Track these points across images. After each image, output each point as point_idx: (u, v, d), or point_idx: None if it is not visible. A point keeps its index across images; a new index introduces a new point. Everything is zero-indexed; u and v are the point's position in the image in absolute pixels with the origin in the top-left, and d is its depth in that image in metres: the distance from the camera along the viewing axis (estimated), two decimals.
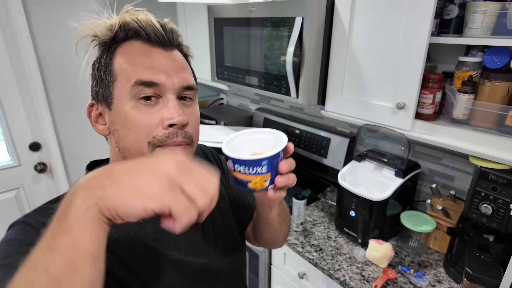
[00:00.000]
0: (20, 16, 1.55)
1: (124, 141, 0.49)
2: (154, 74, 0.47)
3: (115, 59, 0.49)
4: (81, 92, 1.85)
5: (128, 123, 0.47)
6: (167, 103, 0.48)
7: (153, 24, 0.49)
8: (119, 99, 0.48)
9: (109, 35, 0.50)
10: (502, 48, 0.84)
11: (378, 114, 1.05)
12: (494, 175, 0.89)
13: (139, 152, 0.48)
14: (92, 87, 0.53)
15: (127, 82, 0.47)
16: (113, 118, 0.50)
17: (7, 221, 1.92)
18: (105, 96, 0.50)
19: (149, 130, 0.47)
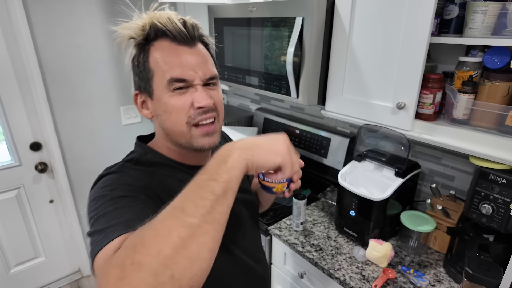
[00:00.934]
0: (21, 16, 1.55)
1: (166, 123, 0.62)
2: (183, 72, 0.59)
3: (150, 57, 0.60)
4: (82, 92, 1.86)
5: (169, 109, 0.60)
6: (195, 90, 0.61)
7: (177, 24, 0.59)
8: (158, 91, 0.60)
9: (142, 35, 0.60)
10: (502, 48, 0.84)
11: (378, 114, 1.05)
12: (494, 175, 0.90)
13: (180, 131, 0.61)
14: (134, 81, 0.64)
15: (163, 79, 0.59)
16: (155, 105, 0.62)
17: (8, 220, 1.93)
18: (146, 89, 0.62)
19: (184, 112, 0.60)
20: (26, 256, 1.94)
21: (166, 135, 0.64)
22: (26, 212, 1.87)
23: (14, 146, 1.74)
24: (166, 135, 0.64)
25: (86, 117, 1.91)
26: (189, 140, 0.62)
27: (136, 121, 2.13)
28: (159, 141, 0.67)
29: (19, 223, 1.86)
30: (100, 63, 1.87)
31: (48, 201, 1.94)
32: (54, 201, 1.96)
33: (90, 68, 1.84)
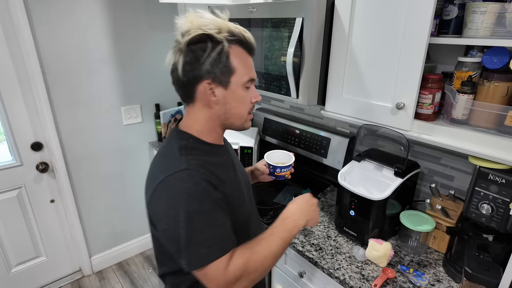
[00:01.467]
0: (22, 15, 1.56)
1: (235, 110, 0.77)
2: (254, 74, 0.79)
3: (231, 57, 0.72)
4: (83, 92, 1.86)
5: (241, 100, 0.77)
6: (253, 89, 0.80)
7: (251, 40, 0.77)
8: (236, 85, 0.75)
9: (225, 36, 0.71)
10: (502, 49, 0.84)
11: (377, 114, 1.06)
12: (494, 175, 0.90)
13: (242, 116, 0.79)
14: (209, 71, 0.71)
15: (243, 78, 0.75)
16: (228, 95, 0.75)
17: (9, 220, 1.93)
18: (223, 81, 0.73)
19: (249, 104, 0.80)
20: (27, 256, 1.95)
21: (222, 119, 0.78)
22: (27, 212, 1.88)
23: (15, 146, 1.74)
24: (224, 119, 0.78)
25: (87, 117, 1.92)
26: (243, 123, 0.81)
27: (137, 121, 2.13)
28: (207, 124, 0.79)
29: (20, 222, 1.86)
30: (101, 63, 1.87)
31: (49, 201, 1.95)
32: (55, 201, 1.96)
33: (91, 68, 1.84)
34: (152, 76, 2.10)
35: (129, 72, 2.00)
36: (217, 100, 0.75)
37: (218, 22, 0.71)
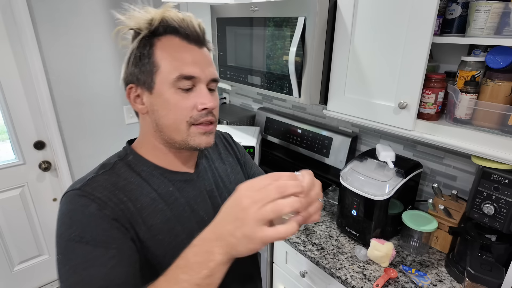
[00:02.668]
0: (25, 15, 1.56)
1: (163, 120, 0.60)
2: (193, 69, 0.59)
3: (156, 51, 0.58)
4: (85, 91, 1.87)
5: (170, 106, 0.59)
6: (200, 91, 0.60)
7: (193, 24, 0.60)
8: (161, 86, 0.59)
9: (148, 28, 0.59)
10: (505, 48, 0.83)
11: (380, 114, 1.05)
12: (497, 175, 0.89)
13: (177, 129, 0.61)
14: (133, 72, 0.61)
15: (171, 74, 0.58)
16: (154, 100, 0.60)
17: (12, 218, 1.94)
18: (146, 82, 0.59)
19: (187, 112, 0.59)
20: (29, 254, 1.96)
21: (157, 132, 0.63)
22: (30, 210, 1.88)
23: (18, 144, 1.75)
24: (158, 132, 0.62)
25: (89, 116, 1.92)
26: (186, 138, 0.61)
27: None
28: (145, 139, 0.66)
29: (23, 221, 1.87)
30: (104, 62, 1.88)
31: (52, 200, 1.96)
32: (57, 200, 1.97)
33: (93, 67, 1.85)
34: None
35: None
36: (145, 108, 0.62)
37: (152, 13, 0.59)
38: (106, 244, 0.52)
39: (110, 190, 0.57)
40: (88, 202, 0.54)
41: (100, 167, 0.62)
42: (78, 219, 0.53)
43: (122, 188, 0.59)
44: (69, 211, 0.54)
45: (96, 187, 0.57)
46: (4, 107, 1.66)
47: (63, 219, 0.54)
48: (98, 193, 0.56)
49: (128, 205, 0.58)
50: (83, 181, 0.58)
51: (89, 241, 0.51)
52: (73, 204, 0.55)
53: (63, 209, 0.55)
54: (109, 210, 0.55)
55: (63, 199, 0.57)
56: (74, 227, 0.52)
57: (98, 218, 0.54)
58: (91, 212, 0.54)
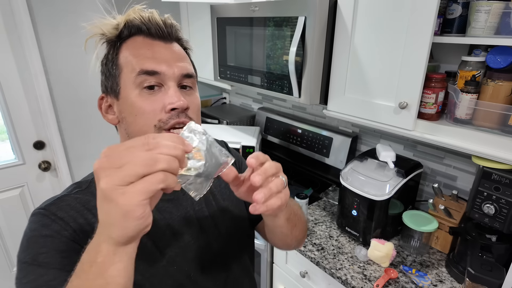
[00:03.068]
0: (25, 15, 1.56)
1: (132, 127, 0.54)
2: (155, 64, 0.52)
3: (120, 53, 0.55)
4: (85, 91, 1.86)
5: (135, 110, 0.53)
6: (168, 90, 0.53)
7: (155, 19, 0.55)
8: (125, 88, 0.54)
9: (115, 33, 0.55)
10: (506, 48, 0.83)
11: (380, 114, 1.05)
12: (497, 175, 0.89)
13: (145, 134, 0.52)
14: (101, 81, 0.58)
15: (132, 73, 0.53)
16: (121, 107, 0.55)
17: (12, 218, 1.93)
18: (113, 88, 0.55)
19: (154, 115, 0.52)
20: None
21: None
22: (30, 210, 1.88)
23: (18, 144, 1.75)
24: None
25: (89, 116, 1.92)
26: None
27: None
28: None
29: (22, 221, 1.87)
30: None
31: None
32: None
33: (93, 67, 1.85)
34: None
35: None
36: (116, 118, 0.57)
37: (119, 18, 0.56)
38: (61, 266, 0.47)
39: (78, 210, 0.53)
40: (48, 222, 0.51)
41: (76, 186, 0.58)
42: (35, 241, 0.50)
43: (94, 208, 0.52)
44: (29, 230, 0.51)
45: (62, 206, 0.53)
46: (4, 107, 1.66)
47: (22, 240, 0.51)
48: (61, 213, 0.52)
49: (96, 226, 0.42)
50: (51, 199, 0.55)
51: (42, 263, 0.47)
52: (35, 224, 0.51)
53: (25, 229, 0.52)
54: (69, 232, 0.50)
55: (29, 217, 0.54)
56: (30, 249, 0.49)
57: (56, 239, 0.49)
58: (48, 233, 0.50)
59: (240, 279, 0.69)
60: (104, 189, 0.34)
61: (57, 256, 0.48)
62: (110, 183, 0.33)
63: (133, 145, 0.35)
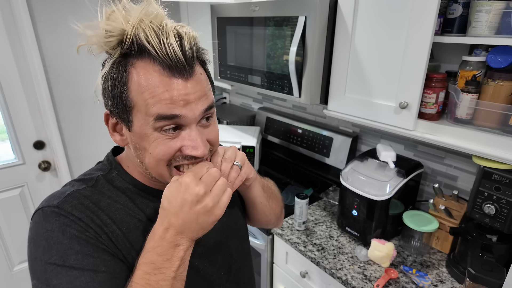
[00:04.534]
0: (25, 15, 1.56)
1: (144, 161, 0.52)
2: (175, 108, 0.46)
3: (130, 82, 0.46)
4: (85, 91, 1.86)
5: (150, 149, 0.50)
6: (190, 132, 0.49)
7: (174, 51, 0.45)
8: (140, 127, 0.48)
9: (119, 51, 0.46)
10: (506, 48, 0.83)
11: (380, 114, 1.05)
12: (498, 175, 0.89)
13: (158, 173, 0.53)
14: (105, 102, 0.50)
15: (148, 115, 0.47)
16: (134, 138, 0.51)
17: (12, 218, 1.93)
18: (123, 118, 0.50)
19: (169, 157, 0.50)
20: None
21: (139, 166, 0.55)
22: (30, 210, 1.88)
23: (18, 144, 1.75)
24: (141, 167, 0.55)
25: (89, 116, 1.92)
26: (166, 180, 0.52)
27: None
28: (132, 158, 0.56)
29: (22, 221, 1.87)
30: None
31: None
32: None
33: (93, 66, 1.85)
34: None
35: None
36: (125, 140, 0.53)
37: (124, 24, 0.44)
38: (95, 267, 0.47)
39: (92, 210, 0.51)
40: (68, 222, 0.48)
41: (82, 182, 0.55)
42: (57, 241, 0.47)
43: (106, 208, 0.53)
44: (45, 231, 0.48)
45: (75, 205, 0.50)
46: (4, 107, 1.66)
47: (38, 241, 0.48)
48: (78, 213, 0.50)
49: (112, 228, 0.52)
50: (60, 196, 0.51)
51: (74, 265, 0.46)
52: (50, 224, 0.48)
53: (37, 229, 0.49)
54: (91, 233, 0.49)
55: (35, 216, 0.50)
56: (53, 250, 0.46)
57: (82, 240, 0.48)
58: (72, 234, 0.48)
59: (243, 269, 0.72)
60: (210, 206, 0.47)
61: (88, 257, 0.48)
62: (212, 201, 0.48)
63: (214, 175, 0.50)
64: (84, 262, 0.47)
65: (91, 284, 0.46)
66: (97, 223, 0.51)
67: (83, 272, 0.46)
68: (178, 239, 0.48)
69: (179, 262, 0.48)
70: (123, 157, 0.60)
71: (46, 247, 0.47)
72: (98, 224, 0.51)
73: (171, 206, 0.47)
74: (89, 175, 0.57)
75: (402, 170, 1.13)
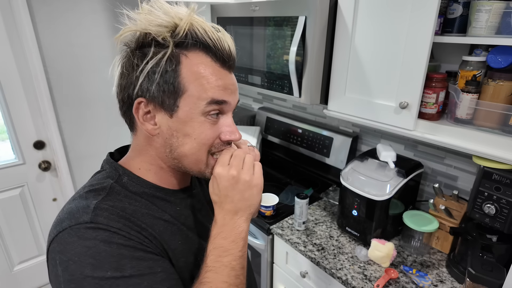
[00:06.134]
0: (25, 15, 1.56)
1: (182, 148, 0.54)
2: (226, 94, 0.53)
3: (182, 70, 0.50)
4: (85, 91, 1.86)
5: (194, 134, 0.53)
6: (226, 119, 0.56)
7: (229, 48, 0.54)
8: (187, 112, 0.52)
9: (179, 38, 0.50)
10: (507, 47, 0.83)
11: (381, 114, 1.05)
12: (498, 175, 0.89)
13: (197, 159, 0.56)
14: (146, 88, 0.51)
15: (200, 100, 0.51)
16: (174, 125, 0.53)
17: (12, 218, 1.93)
18: (167, 104, 0.51)
19: (211, 142, 0.55)
20: (29, 254, 1.96)
21: (169, 158, 0.56)
22: (30, 210, 1.88)
23: (18, 144, 1.75)
24: (171, 158, 0.56)
25: (89, 116, 1.92)
26: (204, 170, 0.57)
27: None
28: (145, 159, 0.57)
29: (22, 221, 1.87)
30: (104, 61, 1.88)
31: (52, 199, 1.95)
32: (57, 199, 1.97)
33: (93, 66, 1.85)
34: None
35: None
36: (157, 129, 0.53)
37: (176, 19, 0.49)
38: (151, 270, 0.48)
39: (126, 218, 0.50)
40: (109, 234, 0.47)
41: (94, 193, 0.53)
42: (106, 255, 0.45)
43: (134, 214, 0.52)
44: (87, 249, 0.45)
45: (108, 216, 0.49)
46: (4, 107, 1.66)
47: (82, 261, 0.45)
48: (115, 223, 0.48)
49: (148, 232, 0.52)
50: (87, 211, 0.49)
51: (132, 273, 0.46)
52: (90, 241, 0.46)
53: (74, 249, 0.45)
54: (135, 240, 0.49)
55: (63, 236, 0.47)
56: (106, 265, 0.45)
57: (129, 248, 0.48)
58: (119, 244, 0.47)
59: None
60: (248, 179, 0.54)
61: (142, 262, 0.47)
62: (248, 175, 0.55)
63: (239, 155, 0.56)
64: (141, 267, 0.47)
65: (155, 287, 0.47)
66: (135, 229, 0.50)
67: (143, 277, 0.46)
68: (235, 220, 0.54)
69: (243, 242, 0.54)
70: (130, 161, 0.59)
71: (96, 264, 0.45)
72: (136, 230, 0.50)
73: (219, 197, 0.55)
74: (99, 185, 0.54)
75: (402, 170, 1.13)
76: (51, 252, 0.47)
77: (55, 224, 0.49)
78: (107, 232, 0.47)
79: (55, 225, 0.49)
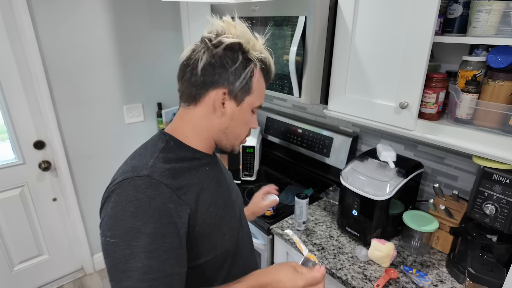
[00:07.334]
0: (25, 14, 1.56)
1: (235, 129, 0.73)
2: (262, 103, 0.76)
3: (254, 77, 0.70)
4: (85, 91, 1.86)
5: (246, 121, 0.74)
6: (254, 116, 0.77)
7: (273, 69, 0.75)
8: (247, 106, 0.72)
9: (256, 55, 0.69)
10: (507, 47, 0.83)
11: (381, 114, 1.05)
12: (498, 175, 0.89)
13: (239, 137, 0.76)
14: (231, 82, 0.67)
15: (255, 102, 0.73)
16: (237, 112, 0.71)
17: (12, 218, 1.93)
18: (238, 96, 0.69)
19: (248, 127, 0.76)
20: (29, 254, 1.96)
21: (221, 133, 0.73)
22: (30, 210, 1.88)
23: (18, 144, 1.75)
24: (222, 134, 0.73)
25: (89, 116, 1.92)
26: (236, 147, 0.77)
27: (139, 120, 2.13)
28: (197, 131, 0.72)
29: (22, 221, 1.87)
30: (104, 61, 1.88)
31: (52, 199, 1.95)
32: (57, 199, 1.97)
33: (93, 66, 1.85)
34: (154, 75, 2.10)
35: (131, 71, 2.00)
36: (224, 112, 0.70)
37: (252, 38, 0.69)
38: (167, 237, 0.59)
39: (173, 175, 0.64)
40: (154, 194, 0.59)
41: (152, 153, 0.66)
42: (143, 210, 0.57)
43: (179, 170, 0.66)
44: (135, 199, 0.58)
45: (160, 173, 0.62)
46: (4, 106, 1.66)
47: (127, 206, 0.58)
48: (165, 180, 0.61)
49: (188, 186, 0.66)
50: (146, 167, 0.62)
51: (150, 234, 0.57)
52: (140, 194, 0.58)
53: (127, 195, 0.59)
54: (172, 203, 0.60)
55: (126, 183, 0.60)
56: (139, 217, 0.57)
57: (162, 211, 0.59)
58: (156, 207, 0.58)
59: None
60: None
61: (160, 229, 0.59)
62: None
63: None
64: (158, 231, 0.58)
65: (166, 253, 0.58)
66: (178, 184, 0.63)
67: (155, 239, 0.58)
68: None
69: None
70: (177, 129, 0.73)
71: (134, 212, 0.57)
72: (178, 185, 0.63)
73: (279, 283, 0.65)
74: (154, 147, 0.68)
75: (402, 170, 1.13)
76: (111, 192, 0.61)
77: (120, 174, 0.63)
78: (154, 191, 0.59)
79: (120, 174, 0.63)
